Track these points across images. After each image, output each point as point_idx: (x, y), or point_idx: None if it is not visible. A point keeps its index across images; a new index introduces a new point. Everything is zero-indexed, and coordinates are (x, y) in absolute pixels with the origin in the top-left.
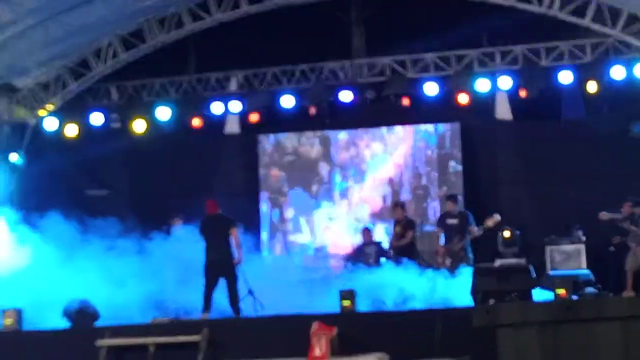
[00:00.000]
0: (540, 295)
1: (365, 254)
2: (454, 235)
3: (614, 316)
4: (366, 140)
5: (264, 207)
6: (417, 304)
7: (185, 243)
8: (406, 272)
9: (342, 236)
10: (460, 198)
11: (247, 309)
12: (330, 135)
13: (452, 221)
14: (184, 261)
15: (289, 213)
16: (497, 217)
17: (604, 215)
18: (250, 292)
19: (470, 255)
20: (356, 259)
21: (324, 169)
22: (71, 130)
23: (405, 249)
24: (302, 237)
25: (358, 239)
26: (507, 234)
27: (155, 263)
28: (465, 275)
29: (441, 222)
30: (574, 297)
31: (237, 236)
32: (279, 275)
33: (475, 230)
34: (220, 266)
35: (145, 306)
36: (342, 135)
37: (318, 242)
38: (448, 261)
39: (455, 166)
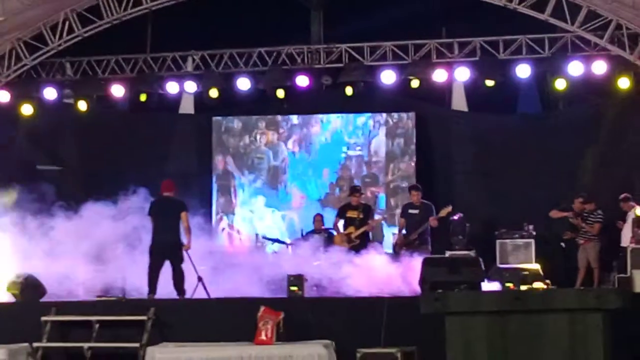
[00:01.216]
0: (488, 288)
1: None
2: (414, 225)
3: (562, 308)
4: (318, 127)
5: (215, 189)
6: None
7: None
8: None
9: (286, 223)
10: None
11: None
12: (283, 120)
13: (414, 211)
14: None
15: (238, 198)
16: (449, 208)
17: (555, 214)
18: (200, 279)
19: (429, 247)
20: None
21: (274, 153)
22: (24, 104)
23: (364, 236)
24: (249, 223)
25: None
26: (449, 209)
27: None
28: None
29: (404, 212)
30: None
31: (186, 220)
32: (226, 260)
33: (434, 222)
34: (167, 248)
35: (90, 283)
36: (295, 120)
37: (264, 228)
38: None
39: (409, 156)
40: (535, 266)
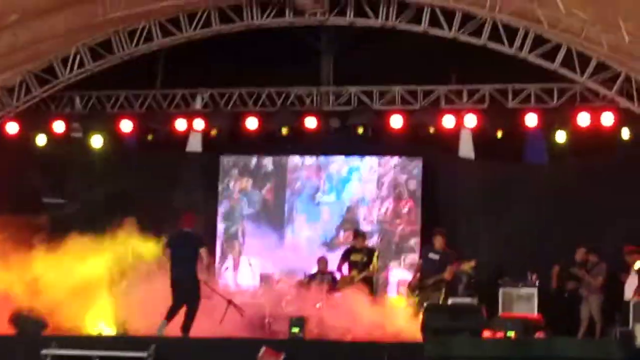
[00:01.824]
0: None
1: (318, 284)
2: (432, 271)
3: (564, 356)
4: (325, 169)
5: (220, 229)
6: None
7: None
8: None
9: (291, 263)
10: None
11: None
12: (290, 161)
13: (434, 257)
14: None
15: (241, 237)
16: (472, 262)
17: (570, 285)
18: (230, 302)
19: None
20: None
21: (280, 194)
22: (32, 136)
23: (369, 279)
24: (253, 262)
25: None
26: (472, 263)
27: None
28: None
29: (424, 255)
30: None
31: (207, 257)
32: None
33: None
34: (182, 283)
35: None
36: (303, 161)
37: (267, 268)
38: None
39: (414, 201)
40: (538, 316)
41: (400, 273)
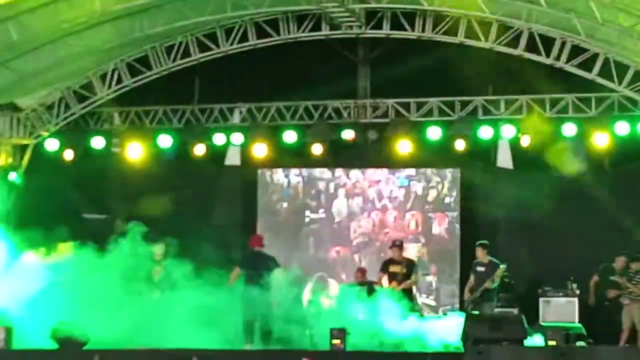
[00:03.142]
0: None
1: None
2: (480, 282)
3: None
4: (364, 181)
5: None
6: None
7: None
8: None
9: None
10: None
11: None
12: (328, 174)
13: (481, 269)
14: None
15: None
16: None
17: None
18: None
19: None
20: None
21: (318, 207)
22: (72, 152)
23: (409, 291)
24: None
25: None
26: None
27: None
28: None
29: (473, 268)
30: None
31: (279, 276)
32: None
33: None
34: (256, 301)
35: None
36: (342, 174)
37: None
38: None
39: (453, 212)
40: (579, 325)
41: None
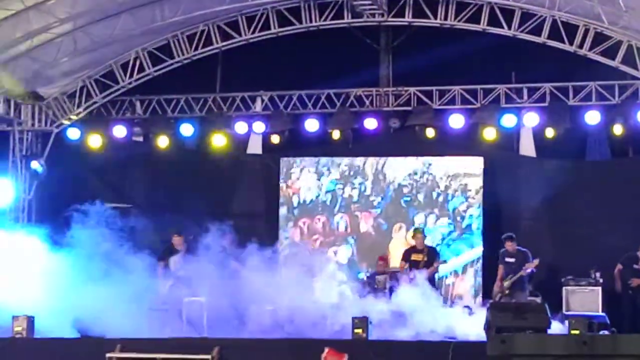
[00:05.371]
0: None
1: (377, 282)
2: (511, 273)
3: (630, 354)
4: (386, 169)
5: (281, 228)
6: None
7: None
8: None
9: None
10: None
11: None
12: (351, 162)
13: (510, 260)
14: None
15: (305, 237)
16: (536, 262)
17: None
18: None
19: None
20: (369, 285)
21: (341, 195)
22: (93, 141)
23: (432, 279)
24: None
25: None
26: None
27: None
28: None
29: (501, 259)
30: None
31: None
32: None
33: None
34: None
35: (154, 321)
36: (363, 163)
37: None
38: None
39: (476, 200)
40: (602, 315)
41: None
